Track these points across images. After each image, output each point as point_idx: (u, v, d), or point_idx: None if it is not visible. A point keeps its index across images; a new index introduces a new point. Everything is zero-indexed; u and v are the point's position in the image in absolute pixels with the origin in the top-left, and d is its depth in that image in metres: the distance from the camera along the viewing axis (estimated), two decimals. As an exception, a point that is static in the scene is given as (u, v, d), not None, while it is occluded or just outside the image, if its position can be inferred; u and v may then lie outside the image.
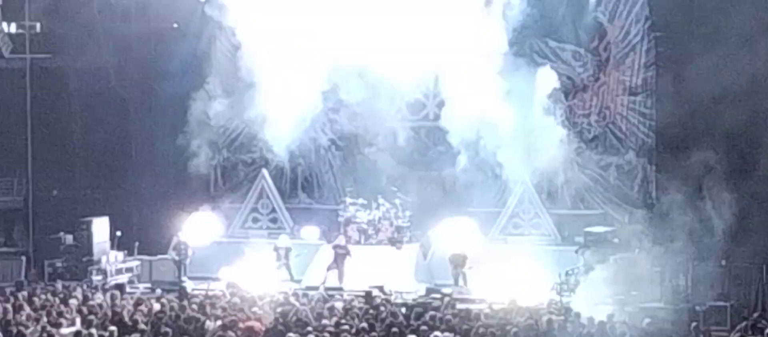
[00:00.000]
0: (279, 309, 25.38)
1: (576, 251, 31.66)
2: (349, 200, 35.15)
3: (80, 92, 37.47)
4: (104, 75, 37.29)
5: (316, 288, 30.71)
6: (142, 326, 23.28)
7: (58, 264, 34.18)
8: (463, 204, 34.84)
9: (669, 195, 30.39)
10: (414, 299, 29.04)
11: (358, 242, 34.38)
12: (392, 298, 28.95)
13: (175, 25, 37.35)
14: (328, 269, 32.88)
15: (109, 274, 33.85)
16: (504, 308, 26.43)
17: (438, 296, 29.34)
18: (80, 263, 33.78)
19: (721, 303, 28.80)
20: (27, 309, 25.34)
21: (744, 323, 23.85)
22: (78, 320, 24.31)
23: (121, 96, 37.50)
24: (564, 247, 33.55)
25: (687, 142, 32.62)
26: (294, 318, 24.09)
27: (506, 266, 31.31)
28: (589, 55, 36.37)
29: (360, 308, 25.88)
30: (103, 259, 34.00)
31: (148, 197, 36.86)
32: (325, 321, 23.79)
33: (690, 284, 29.93)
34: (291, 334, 22.16)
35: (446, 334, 22.81)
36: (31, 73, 37.19)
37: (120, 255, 34.60)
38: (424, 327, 23.33)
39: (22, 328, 22.88)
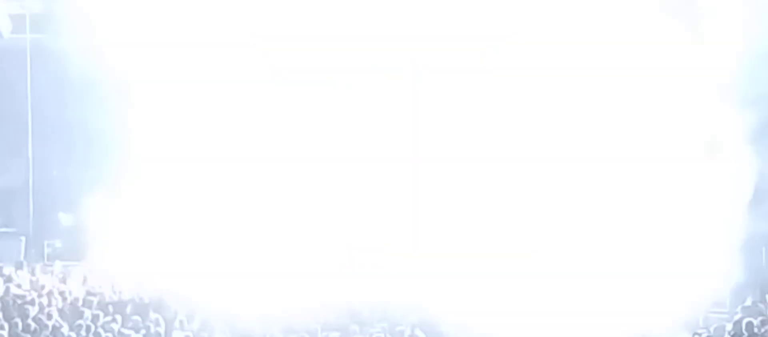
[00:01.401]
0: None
1: None
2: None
3: (81, 72, 37.39)
4: (105, 55, 37.21)
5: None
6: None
7: (58, 244, 34.24)
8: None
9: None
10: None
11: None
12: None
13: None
14: None
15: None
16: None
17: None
18: (80, 243, 33.83)
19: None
20: (26, 289, 25.44)
21: (740, 306, 23.85)
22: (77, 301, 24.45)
23: (121, 76, 37.41)
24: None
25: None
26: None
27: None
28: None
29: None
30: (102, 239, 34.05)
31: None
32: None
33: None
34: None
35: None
36: (31, 53, 37.17)
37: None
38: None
39: (21, 308, 22.99)
